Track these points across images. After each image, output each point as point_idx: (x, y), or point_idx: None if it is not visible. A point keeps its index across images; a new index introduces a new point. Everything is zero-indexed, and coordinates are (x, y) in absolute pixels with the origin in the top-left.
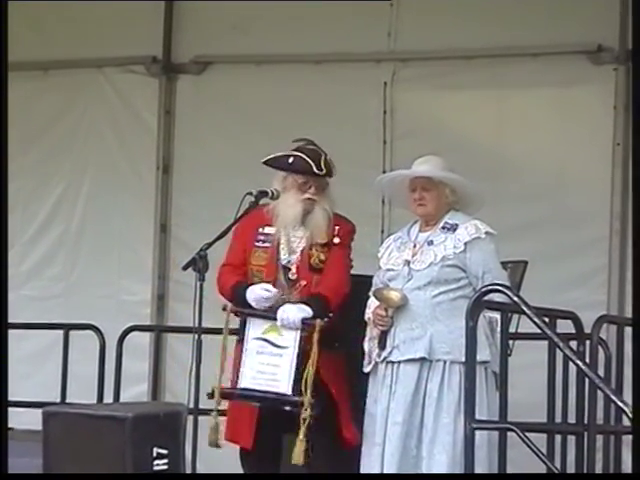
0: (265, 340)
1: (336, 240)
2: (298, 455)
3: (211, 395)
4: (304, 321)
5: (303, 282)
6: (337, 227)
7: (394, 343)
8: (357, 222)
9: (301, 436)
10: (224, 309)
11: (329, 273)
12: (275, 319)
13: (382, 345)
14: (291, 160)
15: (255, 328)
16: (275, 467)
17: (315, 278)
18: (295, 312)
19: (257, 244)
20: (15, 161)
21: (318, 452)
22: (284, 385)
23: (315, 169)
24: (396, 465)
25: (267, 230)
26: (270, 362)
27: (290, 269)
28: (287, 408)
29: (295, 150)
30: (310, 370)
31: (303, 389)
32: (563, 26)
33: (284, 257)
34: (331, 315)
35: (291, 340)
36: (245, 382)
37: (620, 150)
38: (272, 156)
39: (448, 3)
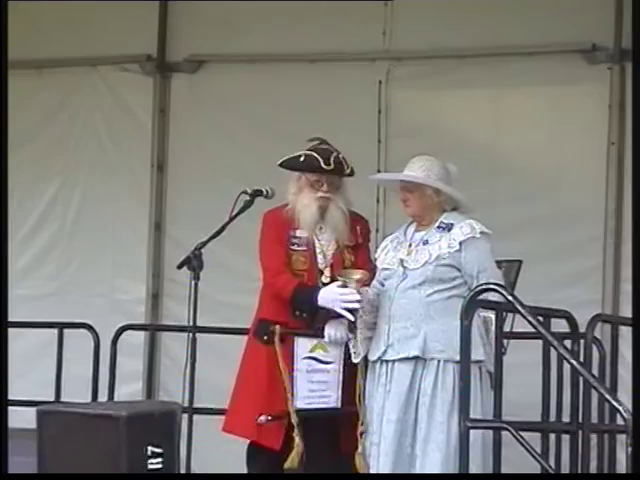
0: (312, 358)
1: (360, 240)
2: (359, 468)
3: (275, 418)
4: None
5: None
6: (358, 227)
7: (389, 342)
8: None
9: (360, 450)
10: (268, 330)
11: None
12: (320, 337)
13: (351, 328)
14: (302, 159)
15: (302, 347)
16: (281, 467)
17: None
18: (343, 328)
19: (293, 247)
20: (9, 159)
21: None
22: (333, 400)
23: (323, 165)
24: (391, 464)
25: (299, 233)
26: (319, 379)
27: (323, 272)
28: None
29: (307, 150)
30: (361, 383)
31: (357, 402)
32: (558, 25)
33: (321, 261)
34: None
35: (336, 355)
36: (299, 403)
37: (615, 149)
38: (285, 158)
39: (443, 2)
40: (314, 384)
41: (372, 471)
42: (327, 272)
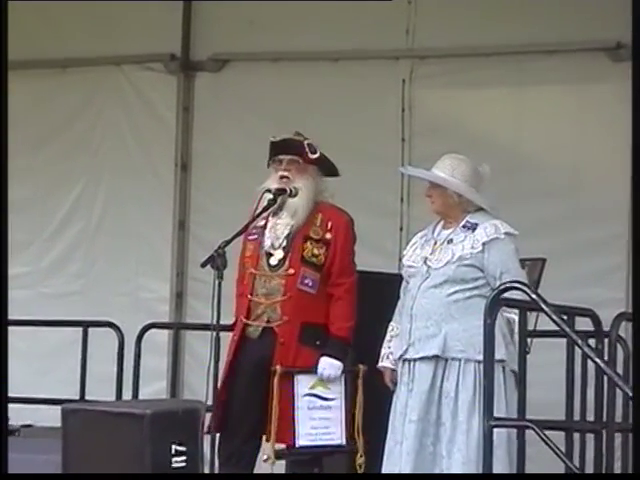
0: (314, 395)
1: (327, 236)
2: None
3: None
4: (346, 369)
5: (291, 271)
6: (330, 222)
7: (410, 341)
8: (375, 219)
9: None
10: (274, 371)
11: (339, 301)
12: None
13: None
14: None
15: (302, 384)
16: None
17: (303, 270)
18: (336, 368)
19: (249, 238)
20: (34, 158)
21: None
22: (337, 436)
23: (275, 140)
24: (412, 463)
25: (260, 223)
26: (321, 416)
27: (272, 255)
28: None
29: None
30: (358, 417)
31: (356, 435)
32: (582, 23)
33: (267, 244)
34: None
35: (337, 391)
36: (302, 441)
37: None
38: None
39: (466, 1)
40: (316, 421)
41: (396, 469)
42: (278, 254)
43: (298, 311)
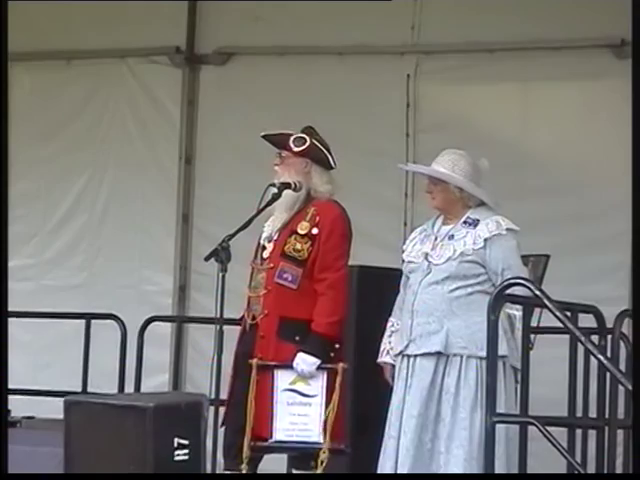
0: (294, 391)
1: (314, 231)
2: None
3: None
4: (322, 367)
5: (270, 265)
6: (318, 217)
7: (411, 337)
8: (379, 214)
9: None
10: (250, 364)
11: (320, 297)
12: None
13: None
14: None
15: (282, 379)
16: None
17: (282, 265)
18: (309, 364)
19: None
20: (38, 151)
21: None
22: (315, 434)
23: (264, 134)
24: (411, 459)
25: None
26: (300, 412)
27: (266, 248)
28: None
29: None
30: (330, 414)
31: (322, 432)
32: (587, 20)
33: (263, 236)
34: (337, 346)
35: (318, 388)
36: (279, 435)
37: None
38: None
39: None
40: (295, 417)
41: (389, 464)
42: (270, 247)
43: (277, 305)
